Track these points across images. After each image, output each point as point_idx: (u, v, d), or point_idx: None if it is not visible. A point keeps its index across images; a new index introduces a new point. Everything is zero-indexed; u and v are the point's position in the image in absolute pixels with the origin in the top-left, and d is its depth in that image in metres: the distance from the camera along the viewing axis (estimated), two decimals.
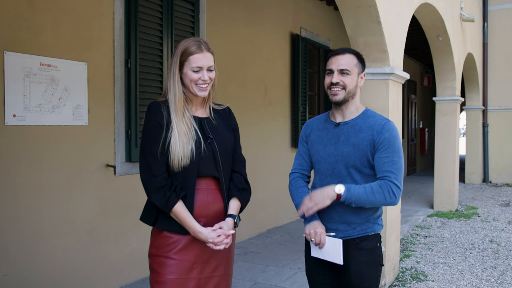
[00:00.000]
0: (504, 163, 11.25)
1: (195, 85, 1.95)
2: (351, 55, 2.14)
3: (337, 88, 2.12)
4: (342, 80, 2.11)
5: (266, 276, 4.34)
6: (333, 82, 2.11)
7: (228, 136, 2.06)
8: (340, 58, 2.13)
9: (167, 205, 1.88)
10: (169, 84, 1.96)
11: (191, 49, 1.93)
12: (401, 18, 4.34)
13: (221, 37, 5.22)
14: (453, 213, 7.59)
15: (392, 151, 2.06)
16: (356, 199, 2.01)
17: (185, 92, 1.97)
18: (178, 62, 1.94)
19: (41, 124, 3.37)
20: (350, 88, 2.12)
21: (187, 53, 1.93)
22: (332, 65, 2.14)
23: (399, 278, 4.39)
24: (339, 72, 2.11)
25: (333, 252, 2.10)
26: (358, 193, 2.01)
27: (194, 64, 1.92)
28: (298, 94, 6.76)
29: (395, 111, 4.12)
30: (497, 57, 11.09)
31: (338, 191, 2.01)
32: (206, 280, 1.97)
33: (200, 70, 1.94)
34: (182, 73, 1.95)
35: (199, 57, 1.92)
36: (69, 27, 3.54)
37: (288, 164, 6.33)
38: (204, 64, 1.93)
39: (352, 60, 2.13)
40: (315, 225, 2.13)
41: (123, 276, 4.00)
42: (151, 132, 1.92)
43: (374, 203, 2.03)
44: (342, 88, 2.11)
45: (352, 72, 2.12)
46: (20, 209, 3.26)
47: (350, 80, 2.12)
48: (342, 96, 2.12)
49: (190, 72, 1.93)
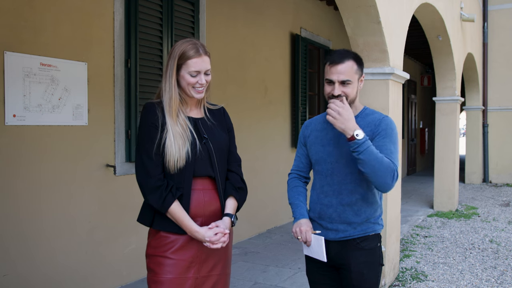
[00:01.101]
0: (504, 163, 11.25)
1: (192, 88, 1.96)
2: (351, 62, 2.08)
3: (339, 100, 2.07)
4: (344, 91, 2.07)
5: (266, 276, 4.34)
6: (335, 94, 2.07)
7: (223, 136, 2.07)
8: (339, 68, 2.06)
9: (163, 206, 1.88)
10: (165, 85, 1.96)
11: (189, 53, 1.93)
12: (401, 18, 4.34)
13: (221, 37, 5.22)
14: (453, 213, 7.59)
15: (390, 141, 2.06)
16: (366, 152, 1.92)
17: (181, 94, 1.99)
18: (175, 64, 1.94)
19: (41, 124, 3.37)
20: (352, 96, 2.10)
21: (185, 57, 1.93)
22: (332, 75, 2.08)
23: (399, 278, 4.39)
24: (340, 84, 2.07)
25: (317, 249, 2.10)
26: (371, 150, 1.93)
27: (192, 68, 1.93)
28: (298, 94, 6.76)
29: (395, 111, 4.12)
30: (497, 57, 11.09)
31: (357, 135, 1.92)
32: (204, 280, 1.98)
33: (198, 74, 1.95)
34: (179, 76, 1.96)
35: (197, 62, 1.93)
36: (69, 27, 3.54)
37: (288, 164, 6.33)
38: (201, 68, 1.95)
39: (352, 68, 2.08)
40: (300, 224, 2.13)
41: (123, 276, 4.00)
42: (147, 133, 1.92)
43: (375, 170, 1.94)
44: (344, 98, 2.08)
45: (353, 81, 2.09)
46: (20, 209, 3.26)
47: (351, 89, 2.09)
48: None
49: (188, 76, 1.94)
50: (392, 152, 2.04)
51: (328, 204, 2.13)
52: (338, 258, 2.13)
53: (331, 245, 2.14)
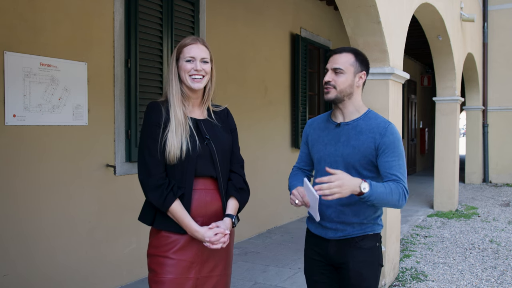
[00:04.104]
0: (504, 163, 11.25)
1: (189, 77, 1.97)
2: (349, 54, 2.12)
3: (328, 86, 2.11)
4: (334, 79, 2.09)
5: (266, 276, 4.34)
6: (325, 80, 2.12)
7: (225, 137, 2.07)
8: (337, 57, 2.12)
9: (164, 204, 1.88)
10: (169, 81, 1.99)
11: (186, 41, 2.00)
12: (401, 18, 4.34)
13: (221, 37, 5.22)
14: (453, 213, 7.59)
15: (398, 155, 2.05)
16: (375, 198, 1.91)
17: (182, 89, 1.99)
18: (175, 58, 2.00)
19: (41, 124, 3.37)
20: (342, 88, 2.09)
21: (181, 45, 2.00)
22: (329, 63, 2.14)
23: (399, 278, 4.39)
24: (333, 71, 2.11)
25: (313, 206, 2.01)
26: (379, 192, 1.91)
27: (187, 54, 1.97)
28: (298, 94, 6.76)
29: (395, 111, 4.12)
30: (497, 57, 11.09)
31: (363, 189, 1.88)
32: (204, 280, 1.98)
33: (193, 61, 1.97)
34: (179, 68, 1.99)
35: (192, 47, 1.98)
36: (69, 27, 3.54)
37: (288, 164, 6.33)
38: (197, 54, 1.97)
39: (348, 59, 2.10)
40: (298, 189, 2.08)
41: (123, 276, 4.00)
42: (150, 132, 1.93)
43: (388, 203, 1.97)
44: (333, 87, 2.10)
45: (347, 71, 2.09)
46: (20, 209, 3.26)
47: (343, 79, 2.09)
48: (333, 95, 2.10)
49: (184, 63, 1.97)
50: (401, 167, 2.04)
51: (328, 204, 2.12)
52: (337, 257, 2.13)
53: (330, 244, 2.14)
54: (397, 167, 2.03)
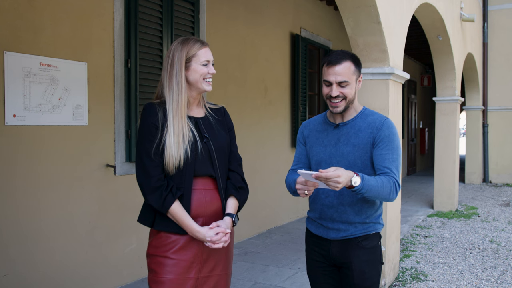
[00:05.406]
0: (504, 163, 11.25)
1: (203, 80, 1.99)
2: (348, 63, 2.07)
3: (337, 100, 2.08)
4: (341, 92, 2.07)
5: (266, 276, 4.34)
6: (332, 95, 2.07)
7: (223, 136, 2.07)
8: (337, 69, 2.06)
9: (163, 206, 1.88)
10: (171, 84, 1.95)
11: (197, 45, 1.99)
12: (401, 18, 4.34)
13: (221, 37, 5.22)
14: (453, 213, 7.59)
15: (392, 149, 2.06)
16: (367, 191, 1.91)
17: (189, 93, 2.00)
18: (183, 61, 1.96)
19: (41, 124, 3.37)
20: (350, 97, 2.10)
21: (194, 48, 1.97)
22: (330, 76, 2.07)
23: (399, 278, 4.39)
24: (338, 85, 2.07)
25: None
26: (371, 185, 1.92)
27: (203, 58, 1.98)
28: (298, 94, 6.76)
29: (395, 111, 4.12)
30: (497, 57, 11.09)
31: (354, 183, 1.88)
32: (205, 280, 1.98)
33: (208, 64, 2.00)
34: (188, 72, 1.97)
35: (206, 51, 2.00)
36: (69, 27, 3.54)
37: (288, 164, 6.33)
38: (210, 58, 2.02)
39: (349, 69, 2.07)
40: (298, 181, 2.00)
41: (123, 276, 4.00)
42: (147, 133, 1.92)
43: (379, 196, 1.98)
44: (342, 99, 2.08)
45: (351, 81, 2.08)
46: (19, 209, 3.26)
47: (349, 89, 2.08)
48: (343, 107, 2.10)
49: (200, 66, 1.98)
50: (394, 160, 2.05)
51: (329, 204, 2.13)
52: (340, 257, 2.14)
53: (332, 244, 2.15)
54: (390, 160, 2.04)
